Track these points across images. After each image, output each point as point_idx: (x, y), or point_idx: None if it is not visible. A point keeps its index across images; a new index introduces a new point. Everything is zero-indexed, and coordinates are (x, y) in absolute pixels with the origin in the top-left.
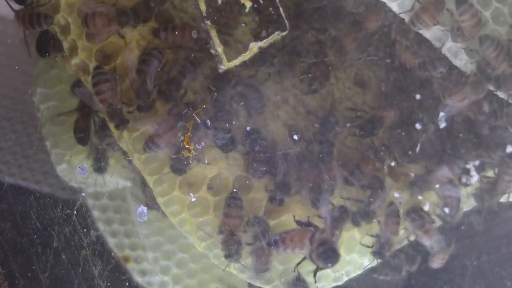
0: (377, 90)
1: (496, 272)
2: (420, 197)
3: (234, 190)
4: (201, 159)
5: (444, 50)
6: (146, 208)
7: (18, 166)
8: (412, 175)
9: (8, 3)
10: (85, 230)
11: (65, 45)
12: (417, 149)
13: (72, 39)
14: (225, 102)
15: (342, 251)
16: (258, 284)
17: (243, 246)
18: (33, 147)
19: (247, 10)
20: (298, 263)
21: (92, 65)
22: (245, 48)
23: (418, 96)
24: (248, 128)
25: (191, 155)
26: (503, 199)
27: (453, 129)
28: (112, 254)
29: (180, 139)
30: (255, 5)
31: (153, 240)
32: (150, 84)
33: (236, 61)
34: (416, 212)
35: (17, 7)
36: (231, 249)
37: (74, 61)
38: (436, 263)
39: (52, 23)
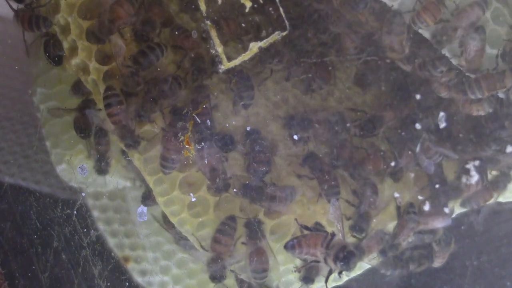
0: (377, 90)
1: (496, 272)
2: (420, 197)
3: (232, 216)
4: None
5: (444, 50)
6: (146, 208)
7: (18, 166)
8: (412, 175)
9: (8, 2)
10: (85, 230)
11: (65, 45)
12: (417, 149)
13: (72, 39)
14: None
15: None
16: None
17: (228, 269)
18: (33, 147)
19: (247, 10)
20: (303, 266)
21: (103, 89)
22: (245, 48)
23: (418, 96)
24: (248, 128)
25: (191, 155)
26: (503, 199)
27: (453, 129)
28: (112, 254)
29: (180, 139)
30: (255, 5)
31: (153, 240)
32: (139, 77)
33: (236, 61)
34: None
35: (16, 6)
36: (216, 272)
37: (74, 61)
38: (437, 262)
39: (51, 26)
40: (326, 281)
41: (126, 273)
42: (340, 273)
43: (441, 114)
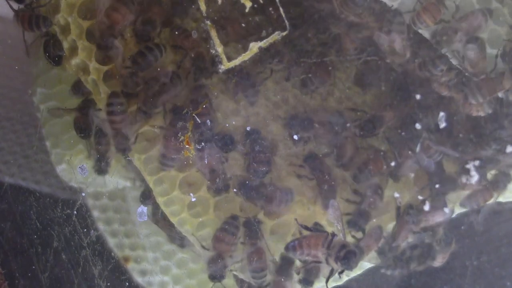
0: (377, 90)
1: (496, 272)
2: (420, 197)
3: (234, 215)
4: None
5: (444, 50)
6: (146, 208)
7: (18, 166)
8: (412, 175)
9: (8, 2)
10: (85, 230)
11: (65, 45)
12: (417, 149)
13: (72, 39)
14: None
15: None
16: None
17: (228, 269)
18: (33, 147)
19: (247, 10)
20: (303, 266)
21: (103, 89)
22: (245, 48)
23: (418, 96)
24: (248, 128)
25: (191, 155)
26: (503, 199)
27: (453, 129)
28: (112, 254)
29: (180, 139)
30: (255, 5)
31: (153, 240)
32: (138, 78)
33: (236, 61)
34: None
35: (17, 6)
36: (216, 272)
37: (74, 61)
38: (437, 261)
39: (51, 26)
40: (327, 281)
41: (126, 273)
42: (341, 272)
43: (441, 114)
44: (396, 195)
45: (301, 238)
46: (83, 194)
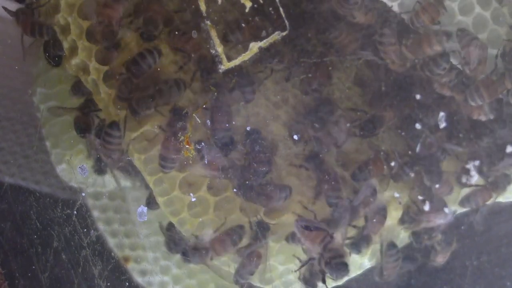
0: (377, 90)
1: (496, 272)
2: (420, 197)
3: (242, 225)
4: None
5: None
6: (146, 208)
7: (18, 166)
8: (412, 175)
9: (6, 9)
10: (85, 230)
11: (65, 45)
12: (417, 149)
13: (72, 39)
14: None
15: None
16: (257, 284)
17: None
18: (33, 147)
19: (247, 10)
20: (302, 266)
21: (103, 89)
22: (245, 48)
23: (418, 96)
24: (248, 128)
25: (191, 155)
26: (502, 199)
27: (453, 129)
28: (112, 254)
29: (180, 139)
30: (255, 5)
31: (153, 240)
32: (132, 84)
33: (236, 61)
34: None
35: (17, 6)
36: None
37: (74, 61)
38: (438, 261)
39: (53, 34)
40: (324, 281)
41: (126, 273)
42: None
43: (441, 114)
44: (396, 195)
45: (307, 223)
46: (83, 194)
